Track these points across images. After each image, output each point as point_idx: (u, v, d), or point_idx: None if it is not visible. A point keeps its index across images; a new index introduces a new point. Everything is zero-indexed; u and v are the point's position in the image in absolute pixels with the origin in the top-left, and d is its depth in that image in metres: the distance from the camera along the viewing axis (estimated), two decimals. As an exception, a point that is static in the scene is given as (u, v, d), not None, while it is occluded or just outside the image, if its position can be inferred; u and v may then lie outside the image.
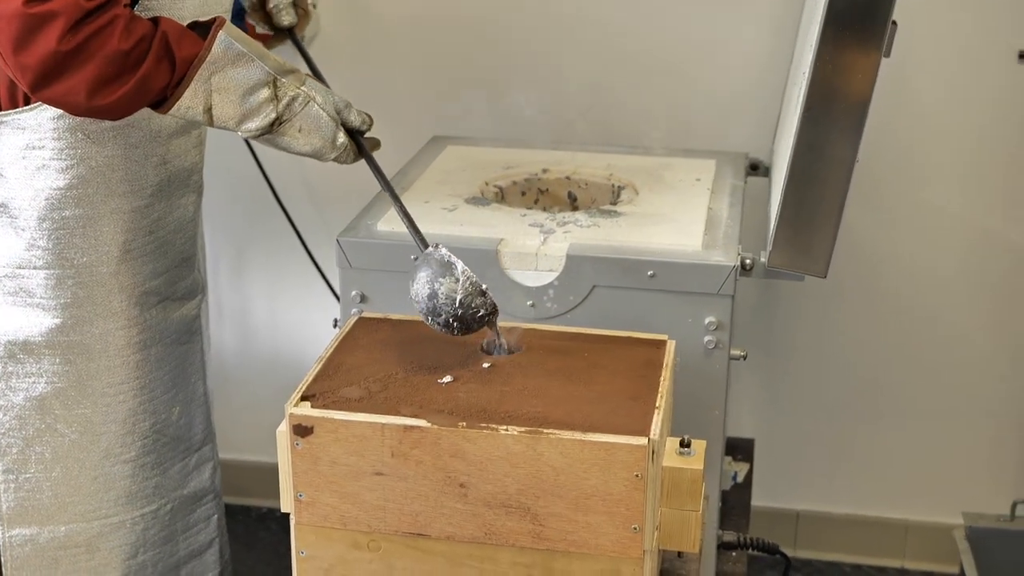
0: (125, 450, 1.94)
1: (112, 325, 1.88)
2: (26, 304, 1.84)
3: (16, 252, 1.82)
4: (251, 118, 1.72)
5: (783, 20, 2.56)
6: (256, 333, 3.04)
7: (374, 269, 1.99)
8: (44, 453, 1.90)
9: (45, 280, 1.83)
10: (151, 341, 1.94)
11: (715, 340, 1.91)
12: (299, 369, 2.98)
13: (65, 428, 1.90)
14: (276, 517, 3.15)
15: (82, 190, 1.80)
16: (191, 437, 2.06)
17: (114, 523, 1.96)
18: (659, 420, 1.54)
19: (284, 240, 2.88)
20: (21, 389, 1.88)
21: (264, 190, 2.81)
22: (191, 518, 2.07)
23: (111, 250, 1.85)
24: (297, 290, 2.98)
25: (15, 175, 1.79)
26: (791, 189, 1.82)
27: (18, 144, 1.78)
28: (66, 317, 1.85)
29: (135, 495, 1.97)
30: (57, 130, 1.77)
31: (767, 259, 1.88)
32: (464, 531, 1.55)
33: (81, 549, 1.95)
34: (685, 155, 2.43)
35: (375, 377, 1.65)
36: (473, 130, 2.68)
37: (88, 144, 1.79)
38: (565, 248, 1.93)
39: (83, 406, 1.89)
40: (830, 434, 2.88)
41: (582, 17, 2.69)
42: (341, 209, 2.84)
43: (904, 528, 2.90)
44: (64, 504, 1.93)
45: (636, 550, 1.52)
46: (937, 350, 2.78)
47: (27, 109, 1.76)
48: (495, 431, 1.51)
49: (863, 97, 1.76)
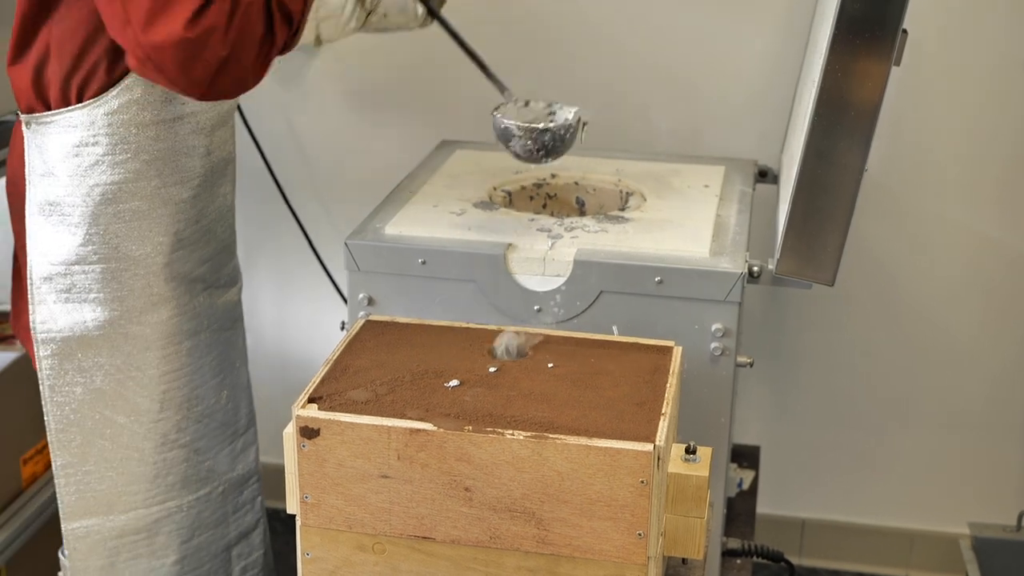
0: (181, 435, 1.98)
1: (165, 314, 1.92)
2: (81, 300, 1.87)
3: (70, 250, 1.85)
4: (348, 24, 1.97)
5: (793, 27, 2.56)
6: (264, 334, 3.05)
7: (382, 272, 1.99)
8: (104, 445, 1.93)
9: (101, 275, 1.86)
10: (200, 328, 1.98)
11: (722, 347, 1.92)
12: (307, 370, 3.00)
13: (123, 419, 1.93)
14: (281, 518, 3.15)
15: (136, 183, 1.84)
16: (237, 421, 2.11)
17: (171, 508, 2.00)
18: (665, 426, 1.54)
19: (292, 241, 2.89)
20: (79, 383, 1.90)
21: (272, 190, 2.81)
22: (239, 500, 2.13)
23: (164, 240, 1.89)
24: (305, 291, 2.99)
25: (67, 172, 1.82)
26: (799, 197, 1.82)
27: (69, 142, 1.80)
28: (122, 310, 1.88)
29: (190, 479, 2.01)
30: (111, 125, 1.80)
31: (775, 267, 1.89)
32: (469, 535, 1.56)
33: (141, 536, 1.99)
34: (694, 161, 2.43)
35: (382, 380, 1.65)
36: (482, 134, 2.68)
37: (142, 138, 1.82)
38: (572, 253, 1.94)
39: (140, 395, 1.93)
40: (836, 442, 2.88)
41: (591, 23, 2.70)
42: (348, 209, 2.85)
43: (910, 537, 2.90)
44: (123, 494, 1.96)
45: (641, 556, 1.52)
46: (944, 359, 2.78)
47: (80, 107, 1.79)
48: (501, 435, 1.52)
49: (872, 105, 1.76)
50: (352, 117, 2.87)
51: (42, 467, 2.58)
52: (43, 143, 1.82)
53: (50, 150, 1.82)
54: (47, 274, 1.86)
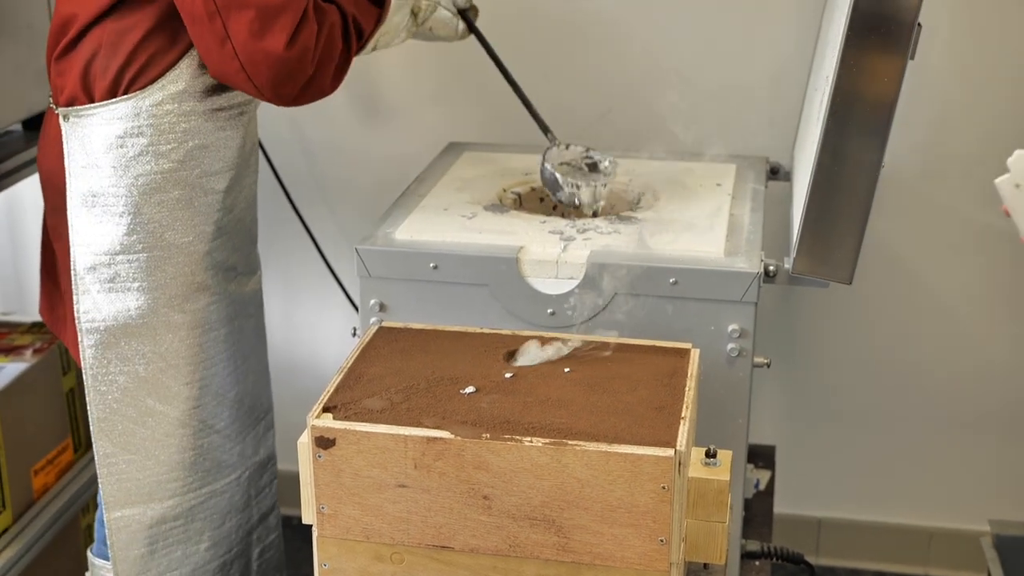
0: (217, 421, 2.02)
1: (205, 301, 1.96)
2: (124, 290, 1.90)
3: (114, 240, 1.88)
4: (399, 36, 2.06)
5: (802, 24, 2.54)
6: (271, 340, 3.02)
7: (393, 278, 1.98)
8: (145, 434, 1.96)
9: (145, 263, 1.89)
10: (234, 315, 2.03)
11: (738, 348, 1.90)
12: (315, 377, 2.98)
13: (163, 406, 1.96)
14: (291, 524, 3.13)
15: (179, 173, 1.88)
16: (261, 405, 2.15)
17: (206, 494, 2.04)
18: (685, 431, 1.52)
19: (299, 246, 2.87)
20: (122, 372, 1.93)
21: (279, 195, 2.79)
22: (260, 483, 2.17)
23: (207, 229, 1.93)
24: (312, 297, 2.98)
25: (110, 163, 1.85)
26: (815, 195, 1.80)
27: (113, 134, 1.84)
28: (164, 298, 1.92)
29: (223, 464, 2.05)
30: (155, 116, 1.84)
31: (791, 266, 1.87)
32: (488, 543, 1.54)
33: (179, 523, 2.03)
34: (705, 160, 2.41)
35: (397, 388, 1.63)
36: (489, 135, 2.67)
37: (186, 127, 1.87)
38: (586, 255, 1.92)
39: (179, 383, 1.96)
40: (852, 441, 2.86)
41: (601, 21, 2.68)
42: (355, 213, 2.84)
43: (928, 535, 2.88)
44: (163, 481, 1.99)
45: (663, 563, 1.51)
46: (962, 357, 2.75)
47: (124, 99, 1.83)
48: (519, 443, 1.50)
49: (889, 101, 1.74)
50: (358, 120, 2.86)
51: (53, 477, 2.57)
52: (85, 135, 1.86)
53: (93, 141, 1.86)
54: (91, 264, 1.90)
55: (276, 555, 2.26)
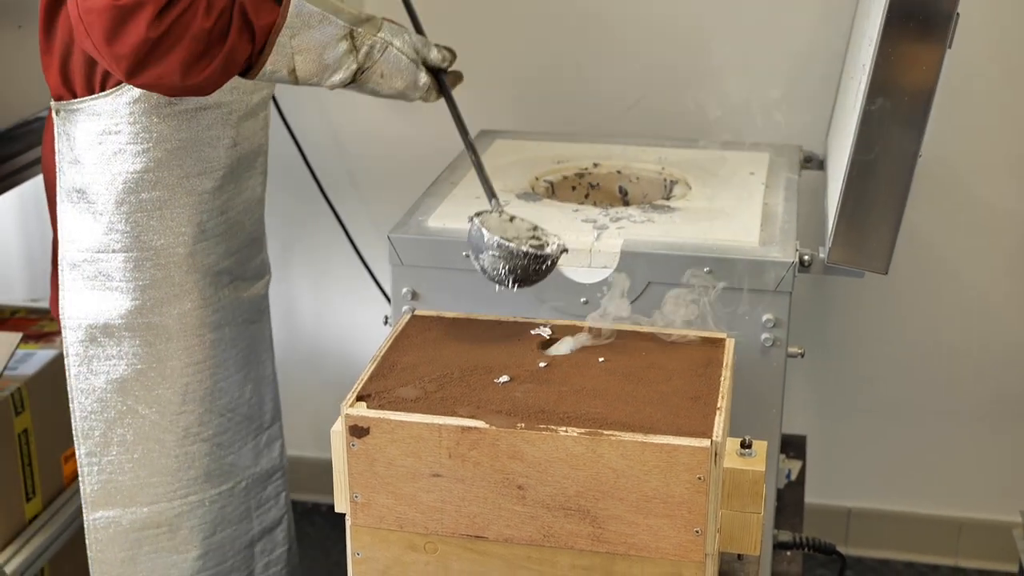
0: (203, 429, 1.98)
1: (188, 305, 1.91)
2: (105, 288, 1.87)
3: (95, 237, 1.85)
4: (334, 72, 1.79)
5: (836, 9, 2.52)
6: (301, 328, 3.03)
7: (425, 266, 1.96)
8: (126, 435, 1.93)
9: (124, 263, 1.86)
10: (224, 321, 1.97)
11: (772, 338, 1.88)
12: (345, 365, 2.98)
13: (145, 409, 1.92)
14: (322, 512, 3.14)
15: (158, 173, 1.83)
16: (262, 416, 2.10)
17: (193, 502, 1.99)
18: (721, 421, 1.51)
19: (329, 234, 2.86)
20: (102, 372, 1.91)
21: (309, 184, 2.79)
22: (263, 495, 2.12)
23: (187, 231, 1.88)
24: (343, 285, 2.97)
25: (92, 160, 1.82)
26: (852, 184, 1.78)
27: (94, 130, 1.81)
28: (144, 299, 1.88)
29: (213, 474, 2.00)
30: (133, 114, 1.80)
31: (826, 255, 1.85)
32: (522, 533, 1.53)
33: (163, 529, 1.98)
34: (737, 148, 2.39)
35: (431, 376, 1.62)
36: (521, 123, 2.65)
37: (163, 127, 1.82)
38: (619, 244, 1.90)
39: (162, 387, 1.93)
40: (883, 431, 2.84)
41: (631, 10, 2.66)
42: (386, 201, 2.83)
43: (958, 526, 2.86)
44: (145, 485, 1.96)
45: (698, 553, 1.49)
46: (994, 348, 2.73)
47: (103, 95, 1.79)
48: (554, 432, 1.49)
49: (927, 91, 1.71)
50: (388, 108, 2.84)
51: (84, 464, 2.57)
52: (71, 131, 1.83)
53: (77, 137, 1.83)
54: (75, 260, 1.88)
55: (285, 570, 2.20)
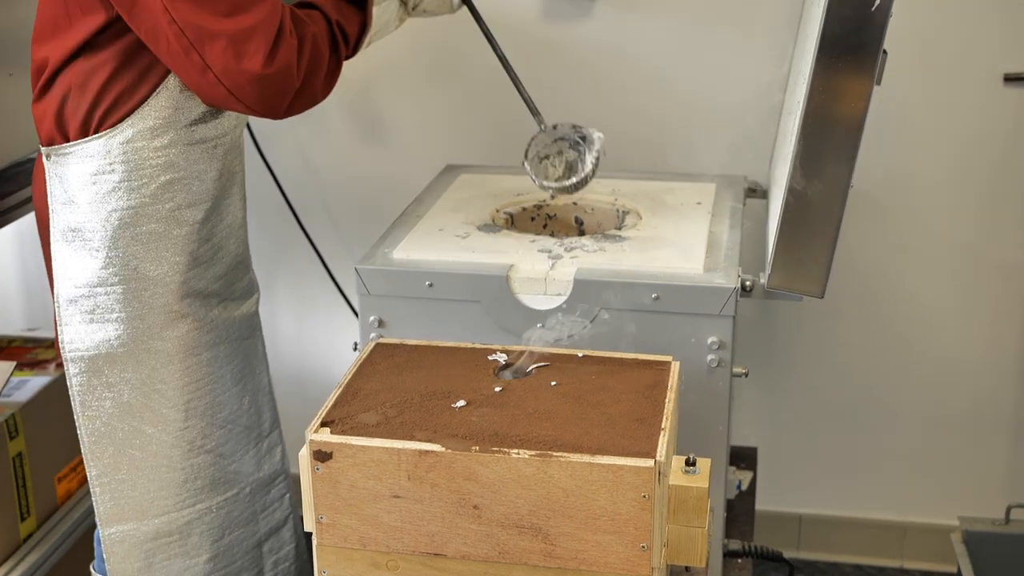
0: (207, 441, 1.98)
1: (184, 328, 1.91)
2: (104, 320, 1.87)
3: (92, 273, 1.85)
4: (391, 27, 2.08)
5: (780, 48, 2.52)
6: (283, 351, 3.01)
7: (391, 295, 1.96)
8: (135, 455, 1.93)
9: (122, 295, 1.85)
10: (219, 339, 1.97)
11: (718, 359, 1.87)
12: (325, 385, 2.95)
13: (151, 428, 1.92)
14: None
15: (152, 207, 1.83)
16: (261, 424, 2.10)
17: (201, 510, 2.00)
18: (665, 441, 1.50)
19: (308, 261, 2.85)
20: (108, 398, 1.90)
21: (287, 213, 2.78)
22: (267, 498, 2.12)
23: (180, 260, 1.88)
24: (322, 309, 2.96)
25: (86, 200, 1.82)
26: (788, 213, 1.78)
27: (86, 171, 1.81)
28: (143, 327, 1.88)
29: (218, 482, 2.01)
30: (126, 153, 1.80)
31: (766, 281, 1.84)
32: (479, 551, 1.52)
33: (174, 537, 1.99)
34: (686, 179, 2.39)
35: (391, 402, 1.61)
36: (485, 158, 2.65)
37: (156, 164, 1.82)
38: (572, 273, 1.90)
39: (165, 406, 1.92)
40: (830, 442, 2.83)
41: (582, 45, 2.65)
42: (360, 230, 2.82)
43: (903, 530, 2.85)
44: (155, 499, 1.96)
45: (645, 568, 1.48)
46: (931, 361, 2.73)
47: (96, 137, 1.79)
48: (507, 455, 1.48)
49: (856, 123, 1.71)
50: (360, 142, 2.84)
51: (75, 484, 2.55)
52: (63, 173, 1.83)
53: (70, 179, 1.82)
54: (72, 296, 1.86)
55: (294, 565, 2.21)
